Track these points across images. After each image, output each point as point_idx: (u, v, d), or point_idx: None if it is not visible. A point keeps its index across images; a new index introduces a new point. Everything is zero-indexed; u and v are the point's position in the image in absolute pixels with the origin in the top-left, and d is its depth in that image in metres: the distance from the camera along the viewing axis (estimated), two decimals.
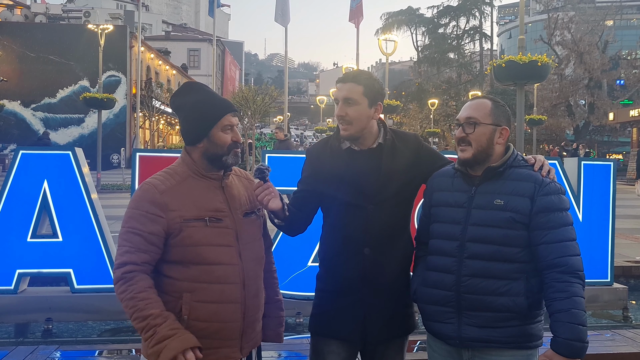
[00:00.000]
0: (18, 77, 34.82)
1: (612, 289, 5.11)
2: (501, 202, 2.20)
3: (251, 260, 2.23)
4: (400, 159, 2.43)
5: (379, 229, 2.38)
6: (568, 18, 41.14)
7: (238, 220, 2.22)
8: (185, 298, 2.10)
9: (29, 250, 4.41)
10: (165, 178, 2.18)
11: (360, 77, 2.39)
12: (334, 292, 2.41)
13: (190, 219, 2.12)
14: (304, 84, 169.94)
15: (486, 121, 2.26)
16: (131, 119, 36.32)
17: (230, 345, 2.18)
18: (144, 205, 2.11)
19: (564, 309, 2.08)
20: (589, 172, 5.04)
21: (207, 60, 57.77)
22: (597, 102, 40.20)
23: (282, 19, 22.07)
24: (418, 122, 45.12)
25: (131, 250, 2.08)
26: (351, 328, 2.38)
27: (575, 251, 2.16)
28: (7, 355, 3.91)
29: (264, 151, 4.73)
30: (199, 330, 2.09)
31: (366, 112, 2.36)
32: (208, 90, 2.29)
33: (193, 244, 2.11)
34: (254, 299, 2.24)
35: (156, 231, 2.10)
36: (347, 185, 2.37)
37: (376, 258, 2.38)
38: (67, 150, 4.56)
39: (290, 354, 4.00)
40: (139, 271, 2.07)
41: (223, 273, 2.14)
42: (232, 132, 2.22)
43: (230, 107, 2.24)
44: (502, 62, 13.24)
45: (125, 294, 2.04)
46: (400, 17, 52.72)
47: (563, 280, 2.10)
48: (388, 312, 2.41)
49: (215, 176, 2.22)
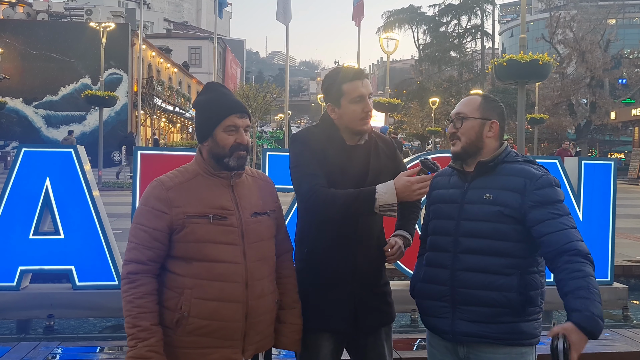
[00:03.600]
0: (20, 74, 34.83)
1: (612, 289, 5.12)
2: (490, 197, 2.24)
3: (257, 260, 2.22)
4: (382, 155, 2.52)
5: (370, 221, 2.45)
6: (570, 16, 41.02)
7: (245, 219, 2.21)
8: (185, 294, 2.12)
9: (31, 247, 4.43)
10: (174, 175, 2.23)
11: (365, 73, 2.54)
12: (324, 285, 2.43)
13: (194, 215, 2.13)
14: (305, 82, 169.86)
15: (474, 115, 2.32)
16: (132, 117, 36.34)
17: (231, 345, 2.17)
18: (150, 202, 2.16)
19: (584, 287, 2.00)
20: (590, 172, 5.04)
21: (208, 58, 57.79)
22: (599, 101, 40.11)
23: (283, 17, 22.06)
24: (419, 121, 45.12)
25: (137, 247, 2.13)
26: (344, 320, 2.42)
27: (579, 237, 2.16)
28: (9, 351, 3.93)
29: (265, 149, 4.74)
30: (199, 327, 2.11)
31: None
32: (222, 90, 2.29)
33: (195, 240, 2.13)
34: (259, 299, 2.21)
35: (160, 227, 2.12)
36: (347, 178, 2.40)
37: (366, 252, 2.45)
38: (69, 148, 4.58)
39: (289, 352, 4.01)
40: (143, 272, 2.11)
41: (224, 271, 2.14)
42: (236, 133, 2.20)
43: (236, 109, 2.22)
44: (503, 60, 13.24)
45: (126, 295, 2.10)
46: (401, 15, 52.60)
47: (576, 261, 2.07)
48: (376, 302, 2.49)
49: (225, 175, 2.23)
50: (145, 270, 2.11)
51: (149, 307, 2.08)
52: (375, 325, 2.50)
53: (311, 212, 2.39)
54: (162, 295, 2.16)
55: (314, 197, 2.31)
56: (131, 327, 2.06)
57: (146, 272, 2.11)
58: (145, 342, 2.04)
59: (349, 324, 2.43)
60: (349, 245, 2.42)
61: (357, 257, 2.42)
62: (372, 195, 2.22)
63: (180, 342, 2.13)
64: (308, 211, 2.43)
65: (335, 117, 2.47)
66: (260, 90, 31.76)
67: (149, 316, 2.07)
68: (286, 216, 4.55)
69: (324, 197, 2.29)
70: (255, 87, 31.90)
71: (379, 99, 26.21)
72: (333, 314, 2.42)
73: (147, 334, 2.05)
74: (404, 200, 2.25)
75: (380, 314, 2.51)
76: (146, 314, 2.07)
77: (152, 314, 2.09)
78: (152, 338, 2.05)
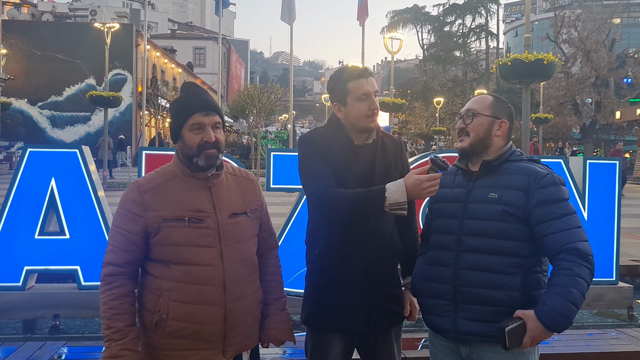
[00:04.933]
0: (25, 75, 34.97)
1: (618, 288, 5.10)
2: (495, 196, 2.24)
3: (234, 262, 2.20)
4: (390, 153, 2.52)
5: (378, 223, 2.44)
6: (575, 16, 40.88)
7: (222, 221, 2.19)
8: (164, 297, 2.12)
9: (36, 247, 4.45)
10: (152, 177, 2.22)
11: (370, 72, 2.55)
12: (336, 285, 2.42)
13: (170, 218, 2.12)
14: (309, 82, 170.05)
15: (485, 112, 2.33)
16: (137, 117, 36.43)
17: (210, 347, 2.16)
18: (127, 205, 2.16)
19: (562, 284, 2.06)
20: (594, 171, 5.03)
21: (212, 58, 57.83)
22: (603, 100, 39.94)
23: (288, 17, 22.05)
24: (424, 121, 45.02)
25: (114, 249, 2.15)
26: (356, 320, 2.41)
27: (583, 237, 2.16)
28: (15, 351, 3.95)
29: (269, 149, 4.74)
30: (177, 330, 2.12)
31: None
32: (193, 89, 2.25)
33: (171, 243, 2.13)
34: (238, 301, 2.20)
35: (136, 230, 2.13)
36: (355, 177, 2.40)
37: (378, 251, 2.44)
38: (74, 148, 4.60)
39: (295, 351, 4.02)
40: (119, 275, 2.13)
41: (201, 274, 2.13)
42: (202, 132, 2.15)
43: (200, 107, 2.16)
44: (507, 60, 13.20)
45: (102, 296, 2.12)
46: (405, 15, 52.62)
47: (570, 260, 2.09)
48: (388, 302, 2.49)
49: (202, 176, 2.20)
50: (121, 272, 2.13)
51: (124, 309, 2.10)
52: (387, 326, 2.50)
53: (320, 212, 2.39)
54: (143, 296, 2.18)
55: (323, 198, 2.31)
56: (106, 328, 2.09)
57: (122, 275, 2.13)
58: (119, 342, 2.06)
59: (361, 324, 2.42)
60: (360, 245, 2.41)
61: (369, 257, 2.42)
62: (381, 194, 2.22)
63: (160, 343, 2.14)
64: (318, 211, 2.43)
65: (342, 116, 2.47)
66: (265, 90, 31.71)
67: (124, 317, 2.10)
68: (291, 216, 4.56)
69: (333, 197, 2.29)
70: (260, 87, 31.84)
71: (384, 99, 26.18)
72: (345, 314, 2.41)
73: (120, 334, 2.07)
74: (414, 199, 2.25)
75: (392, 314, 2.51)
76: (120, 315, 2.09)
77: (127, 315, 2.11)
78: (125, 338, 2.07)
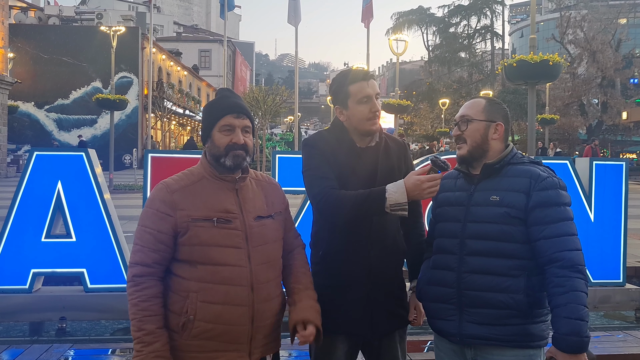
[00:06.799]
0: (32, 78, 35.18)
1: (625, 290, 5.07)
2: (497, 198, 2.23)
3: (261, 264, 2.21)
4: (393, 155, 2.53)
5: (382, 225, 2.45)
6: (580, 16, 40.75)
7: (249, 222, 2.21)
8: (191, 298, 2.12)
9: (43, 250, 4.46)
10: (180, 178, 2.24)
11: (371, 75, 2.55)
12: (338, 287, 2.43)
13: (198, 218, 2.14)
14: (314, 84, 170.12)
15: (479, 117, 2.33)
16: (143, 120, 36.55)
17: (237, 349, 2.16)
18: (155, 204, 2.17)
19: (561, 304, 2.07)
20: (601, 172, 5.00)
21: (218, 61, 58.04)
22: (610, 101, 39.78)
23: (294, 20, 22.11)
24: (429, 122, 45.01)
25: (143, 249, 2.14)
26: (360, 323, 2.42)
27: (574, 245, 2.15)
28: (22, 354, 3.97)
29: (275, 152, 4.75)
30: (205, 331, 2.11)
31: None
32: (225, 93, 2.32)
33: (200, 243, 2.13)
34: (265, 303, 2.20)
35: (165, 230, 2.13)
36: (358, 179, 2.41)
37: (381, 253, 2.45)
38: (80, 151, 4.61)
39: (300, 353, 4.02)
40: (148, 275, 2.12)
41: (229, 274, 2.14)
42: (232, 133, 2.21)
43: (232, 109, 2.23)
44: (513, 61, 13.18)
45: (132, 297, 2.11)
46: (410, 16, 52.54)
47: (561, 275, 2.10)
48: (391, 305, 2.49)
49: (230, 178, 2.23)
50: (150, 272, 2.12)
51: (155, 310, 2.09)
52: (391, 329, 2.50)
53: (323, 214, 2.40)
54: (168, 299, 2.16)
55: (325, 200, 2.32)
56: (137, 330, 2.08)
57: (151, 275, 2.12)
58: (151, 347, 2.05)
59: (364, 326, 2.43)
60: (363, 247, 2.42)
61: (372, 259, 2.42)
62: (382, 194, 2.23)
63: (186, 346, 2.13)
64: (320, 213, 2.45)
65: (344, 119, 2.48)
66: (270, 92, 31.82)
67: (155, 319, 2.08)
68: (296, 218, 4.56)
69: (335, 199, 2.30)
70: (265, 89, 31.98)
71: (389, 101, 26.17)
72: (348, 316, 2.42)
73: (152, 337, 2.06)
74: (415, 199, 2.26)
75: (396, 318, 2.52)
76: (152, 317, 2.08)
77: (158, 317, 2.10)
78: (157, 342, 2.06)
